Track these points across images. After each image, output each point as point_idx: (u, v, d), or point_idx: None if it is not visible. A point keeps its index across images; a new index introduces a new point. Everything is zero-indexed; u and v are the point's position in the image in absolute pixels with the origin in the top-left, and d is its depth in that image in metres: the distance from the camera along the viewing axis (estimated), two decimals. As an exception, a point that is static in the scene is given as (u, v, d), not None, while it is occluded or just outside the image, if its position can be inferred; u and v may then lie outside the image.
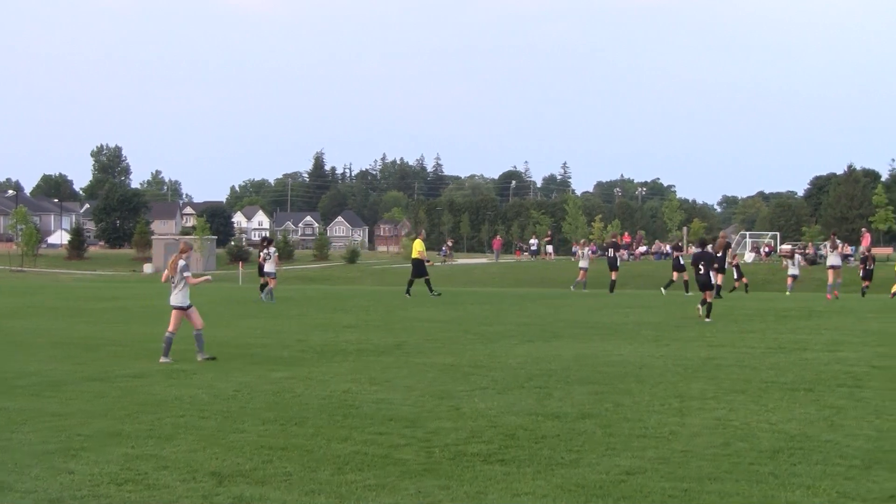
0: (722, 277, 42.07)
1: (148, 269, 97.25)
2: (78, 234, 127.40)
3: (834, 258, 44.22)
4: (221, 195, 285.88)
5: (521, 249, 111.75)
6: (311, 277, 77.90)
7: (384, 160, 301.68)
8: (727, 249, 42.33)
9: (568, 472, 9.61)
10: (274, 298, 38.69)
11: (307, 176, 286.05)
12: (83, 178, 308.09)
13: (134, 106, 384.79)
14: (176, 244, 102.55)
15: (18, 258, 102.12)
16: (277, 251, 43.15)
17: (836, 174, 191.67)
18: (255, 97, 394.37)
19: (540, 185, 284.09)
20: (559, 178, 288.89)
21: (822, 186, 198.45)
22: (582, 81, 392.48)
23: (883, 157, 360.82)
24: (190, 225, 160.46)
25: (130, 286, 60.68)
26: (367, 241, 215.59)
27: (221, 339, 22.64)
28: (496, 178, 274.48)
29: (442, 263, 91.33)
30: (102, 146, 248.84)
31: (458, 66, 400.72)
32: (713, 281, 30.36)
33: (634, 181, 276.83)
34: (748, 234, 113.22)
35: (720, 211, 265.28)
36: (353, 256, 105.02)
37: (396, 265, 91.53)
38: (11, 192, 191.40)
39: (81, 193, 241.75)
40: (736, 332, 24.40)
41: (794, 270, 51.44)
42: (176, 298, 19.61)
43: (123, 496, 8.97)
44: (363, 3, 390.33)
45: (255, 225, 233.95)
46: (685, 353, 19.68)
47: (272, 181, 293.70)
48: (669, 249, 66.32)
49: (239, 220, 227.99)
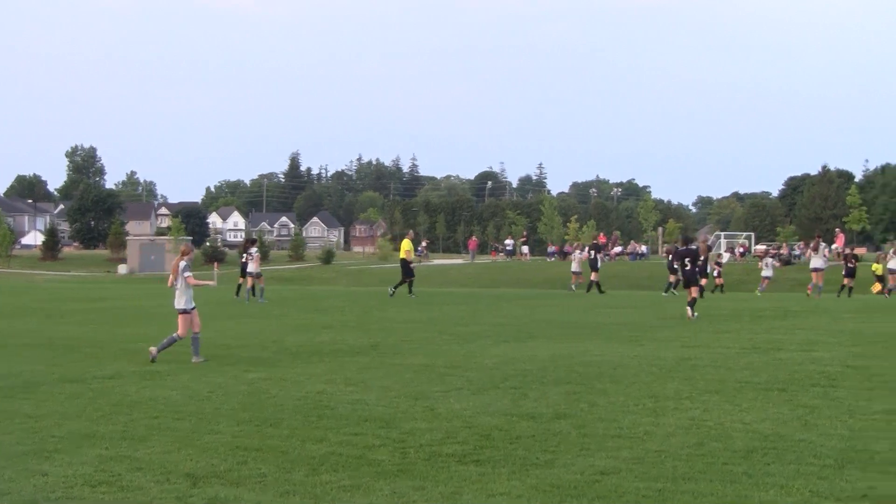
0: (705, 280, 42.30)
1: (122, 269, 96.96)
2: (52, 234, 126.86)
3: (818, 260, 44.38)
4: (197, 196, 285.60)
5: (496, 250, 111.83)
6: (286, 278, 77.75)
7: (360, 161, 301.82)
8: (708, 253, 42.56)
9: (543, 472, 9.62)
10: (264, 298, 38.77)
11: (283, 176, 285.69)
12: (58, 178, 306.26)
13: (109, 106, 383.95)
14: (151, 245, 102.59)
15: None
16: (260, 252, 43.06)
17: (810, 175, 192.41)
18: (230, 98, 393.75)
19: (516, 185, 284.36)
20: (535, 178, 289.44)
21: (796, 187, 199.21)
22: (557, 82, 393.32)
23: (856, 157, 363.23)
24: (165, 226, 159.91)
25: (105, 287, 60.45)
26: (342, 241, 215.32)
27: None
28: (472, 178, 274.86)
29: (418, 264, 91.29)
30: (77, 147, 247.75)
31: (433, 67, 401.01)
32: (698, 278, 30.61)
33: (610, 182, 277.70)
34: (723, 234, 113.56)
35: (695, 211, 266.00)
36: (328, 257, 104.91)
37: (372, 266, 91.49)
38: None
39: (56, 194, 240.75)
40: (711, 332, 24.46)
41: (767, 272, 51.57)
42: (179, 302, 19.46)
43: (97, 497, 8.94)
44: (335, 4, 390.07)
45: (230, 226, 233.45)
46: (660, 353, 19.72)
47: (248, 182, 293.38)
48: (666, 252, 66.33)
49: (214, 220, 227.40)
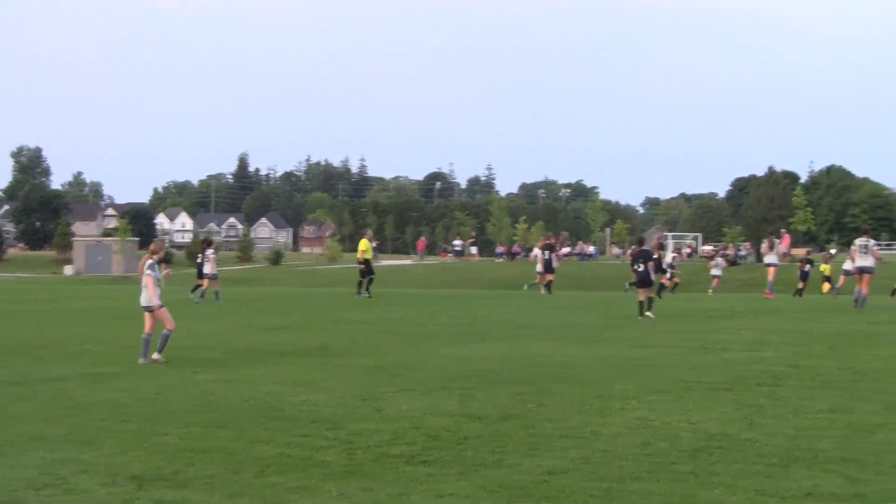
0: (667, 280, 43.03)
1: (69, 271, 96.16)
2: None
3: (772, 257, 45.05)
4: (144, 197, 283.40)
5: (445, 251, 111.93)
6: (234, 279, 77.35)
7: (309, 161, 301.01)
8: (661, 249, 42.90)
9: (490, 472, 9.63)
10: (220, 300, 38.67)
11: (231, 177, 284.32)
12: (2, 179, 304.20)
13: (55, 106, 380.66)
14: (97, 246, 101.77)
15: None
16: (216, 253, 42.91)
17: (756, 176, 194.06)
18: (177, 98, 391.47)
19: (464, 186, 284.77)
20: (484, 179, 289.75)
21: (742, 188, 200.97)
22: (506, 82, 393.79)
23: (802, 159, 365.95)
24: (112, 226, 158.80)
25: (51, 288, 59.91)
26: (291, 242, 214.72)
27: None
28: (421, 179, 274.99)
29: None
30: (22, 147, 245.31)
31: (381, 68, 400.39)
32: (652, 278, 30.92)
33: (558, 183, 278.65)
34: (670, 234, 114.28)
35: (643, 212, 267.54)
36: (277, 258, 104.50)
37: (321, 267, 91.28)
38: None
39: (1, 195, 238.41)
40: (659, 332, 24.60)
41: (716, 271, 52.73)
42: (144, 298, 19.35)
43: (42, 501, 8.86)
44: (276, 4, 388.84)
45: (178, 226, 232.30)
46: (608, 353, 19.80)
47: (195, 182, 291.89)
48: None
49: (162, 221, 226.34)
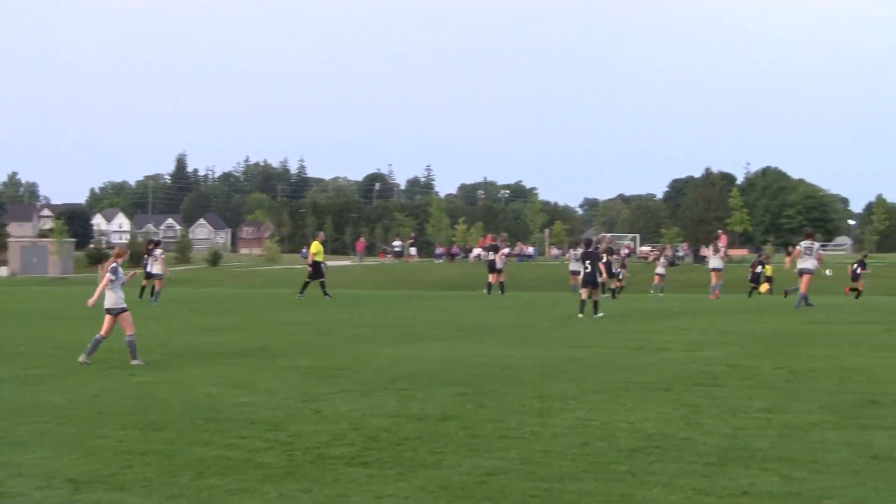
0: (616, 283, 43.53)
1: (3, 272, 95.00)
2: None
3: (716, 261, 45.72)
4: (81, 197, 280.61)
5: (384, 251, 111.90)
6: (172, 280, 76.56)
7: (247, 162, 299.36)
8: (610, 254, 43.28)
9: (430, 473, 9.64)
10: (158, 301, 38.45)
11: (169, 178, 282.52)
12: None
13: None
14: (33, 247, 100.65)
15: None
16: (163, 253, 42.60)
17: (693, 177, 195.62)
18: (115, 97, 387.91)
19: (404, 187, 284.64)
20: (423, 180, 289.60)
21: (680, 189, 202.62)
22: (443, 83, 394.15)
23: (738, 160, 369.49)
24: (48, 227, 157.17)
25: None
26: (229, 243, 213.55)
27: (81, 343, 22.18)
28: (360, 180, 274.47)
29: (306, 266, 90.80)
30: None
31: (319, 68, 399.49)
32: (599, 279, 31.26)
33: (497, 183, 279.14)
34: (608, 235, 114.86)
35: (582, 213, 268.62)
36: (215, 259, 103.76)
37: (260, 268, 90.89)
38: None
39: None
40: (598, 332, 24.73)
41: (660, 270, 53.67)
42: (109, 300, 19.19)
43: (-24, 505, 8.77)
44: (218, 2, 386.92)
45: (115, 227, 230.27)
46: (548, 353, 19.88)
47: (133, 183, 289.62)
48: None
49: (99, 222, 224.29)
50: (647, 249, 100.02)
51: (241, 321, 29.46)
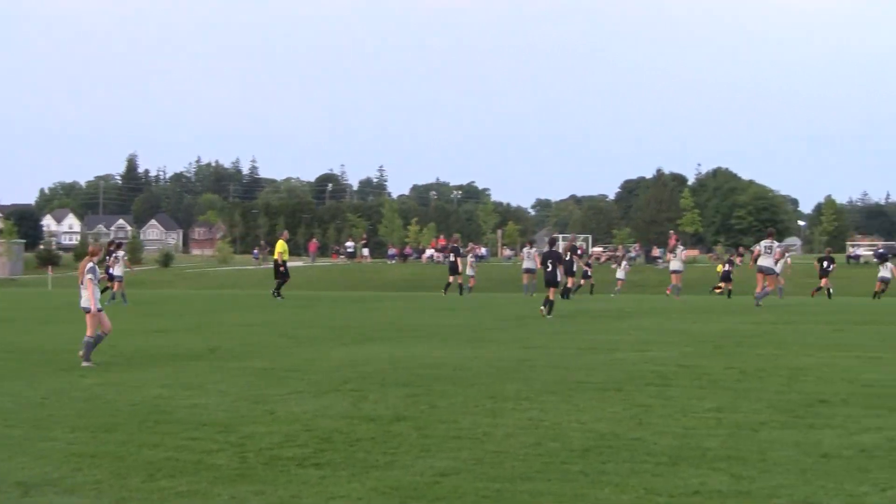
0: (572, 280, 43.79)
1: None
2: None
3: (676, 263, 46.51)
4: (30, 198, 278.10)
5: (337, 252, 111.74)
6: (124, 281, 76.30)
7: (199, 162, 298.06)
8: (573, 253, 43.54)
9: (383, 474, 9.63)
10: (127, 301, 38.38)
11: (120, 178, 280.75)
12: None
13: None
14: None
15: None
16: (126, 254, 42.48)
17: (645, 178, 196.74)
18: (64, 96, 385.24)
19: (356, 188, 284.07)
20: (375, 181, 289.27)
21: (632, 190, 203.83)
22: (396, 84, 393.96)
23: (690, 161, 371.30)
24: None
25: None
26: (181, 244, 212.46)
27: (30, 345, 22.06)
28: (312, 180, 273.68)
29: (257, 266, 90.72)
30: None
31: (270, 67, 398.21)
32: (559, 279, 31.38)
33: (450, 184, 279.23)
34: (561, 236, 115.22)
35: (534, 214, 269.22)
36: (166, 260, 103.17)
37: (212, 269, 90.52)
38: None
39: None
40: (550, 333, 24.79)
41: (620, 274, 54.57)
42: (84, 301, 19.11)
43: (-77, 509, 8.69)
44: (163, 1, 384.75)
45: (65, 228, 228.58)
46: (500, 354, 19.90)
47: (83, 183, 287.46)
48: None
49: (48, 223, 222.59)
50: (598, 250, 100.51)
51: (192, 322, 29.31)
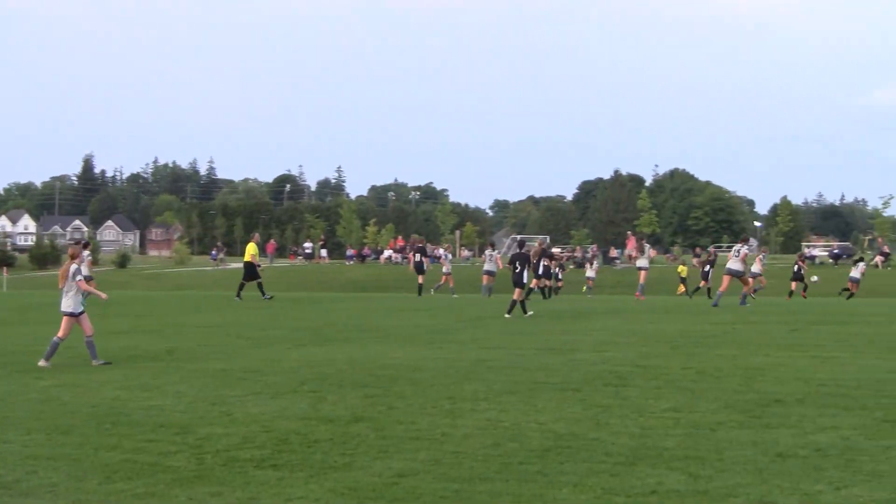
0: (544, 281, 44.23)
1: None
2: None
3: (643, 261, 47.81)
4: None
5: (295, 253, 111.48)
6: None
7: (156, 163, 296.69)
8: (542, 256, 43.75)
9: (341, 475, 9.62)
10: (85, 302, 38.13)
11: (76, 179, 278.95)
12: None
13: None
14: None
15: None
16: (91, 255, 42.21)
17: (603, 179, 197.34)
18: (20, 95, 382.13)
19: (314, 188, 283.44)
20: (333, 181, 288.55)
21: (589, 191, 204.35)
22: (353, 84, 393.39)
23: (647, 162, 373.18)
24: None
25: None
26: (138, 245, 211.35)
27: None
28: (270, 181, 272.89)
29: (215, 268, 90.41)
30: None
31: (228, 68, 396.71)
32: (525, 281, 31.58)
33: (408, 185, 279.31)
34: (519, 237, 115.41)
35: (492, 215, 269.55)
36: (123, 261, 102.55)
37: (169, 270, 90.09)
38: None
39: None
40: (508, 333, 24.81)
41: (591, 273, 55.53)
42: (66, 304, 19.05)
43: None
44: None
45: (20, 229, 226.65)
46: (458, 355, 19.90)
47: (39, 184, 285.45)
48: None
49: (3, 224, 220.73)
50: (557, 251, 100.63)
51: (149, 324, 29.15)
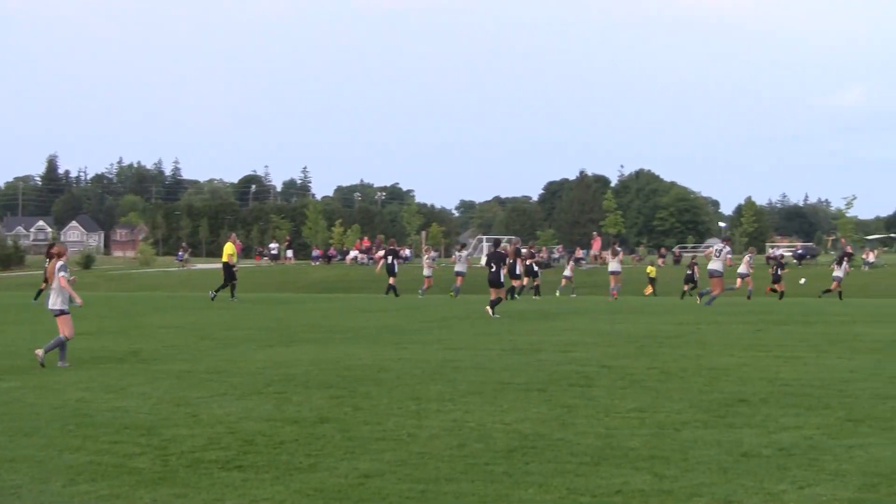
0: (516, 282, 44.59)
1: None
2: None
3: (615, 264, 49.52)
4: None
5: (260, 254, 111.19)
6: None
7: (121, 163, 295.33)
8: (517, 256, 43.95)
9: (306, 476, 9.60)
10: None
11: (40, 179, 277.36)
12: None
13: None
14: None
15: None
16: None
17: (568, 180, 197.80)
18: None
19: (280, 189, 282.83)
20: (299, 182, 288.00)
21: (555, 191, 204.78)
22: (319, 85, 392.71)
23: (612, 163, 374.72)
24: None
25: None
26: (102, 246, 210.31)
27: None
28: (236, 182, 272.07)
29: (180, 268, 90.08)
30: None
31: (195, 67, 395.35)
32: (502, 280, 31.75)
33: (374, 186, 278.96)
34: (485, 238, 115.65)
35: (458, 215, 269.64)
36: (88, 262, 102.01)
37: (134, 270, 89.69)
38: None
39: None
40: (473, 334, 24.84)
41: (568, 272, 56.16)
42: (55, 303, 18.98)
43: None
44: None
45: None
46: (424, 355, 19.89)
47: (2, 184, 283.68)
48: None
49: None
50: (525, 250, 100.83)
51: (114, 325, 29.01)
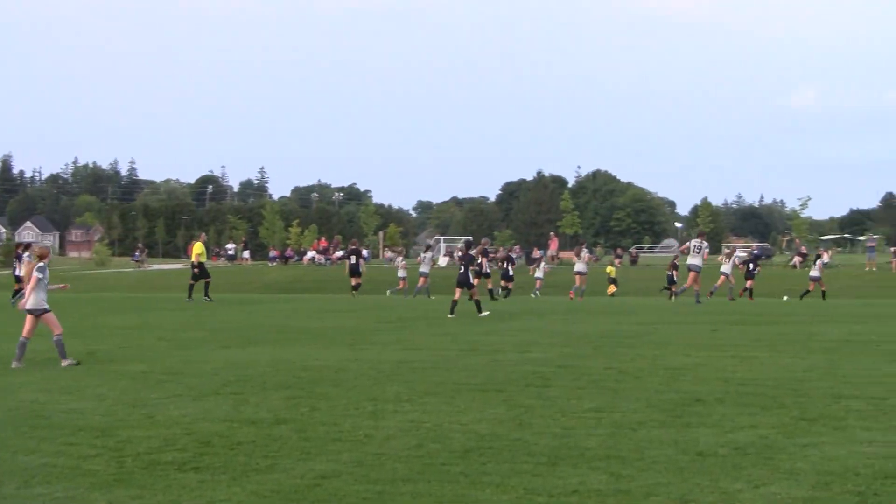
0: (489, 281, 45.08)
1: None
2: None
3: (581, 265, 50.45)
4: None
5: (217, 255, 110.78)
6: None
7: (76, 164, 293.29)
8: (485, 256, 44.10)
9: (263, 477, 9.58)
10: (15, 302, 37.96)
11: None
12: None
13: None
14: None
15: None
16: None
17: (526, 180, 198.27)
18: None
19: (237, 189, 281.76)
20: (256, 182, 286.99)
21: (512, 192, 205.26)
22: (277, 84, 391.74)
23: (569, 163, 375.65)
24: None
25: None
26: (58, 246, 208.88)
27: None
28: (192, 182, 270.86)
29: (137, 269, 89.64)
30: None
31: (149, 67, 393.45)
32: (471, 281, 32.25)
33: (331, 186, 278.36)
34: (442, 238, 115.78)
35: (416, 216, 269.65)
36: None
37: (89, 271, 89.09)
38: None
39: None
40: (430, 334, 24.85)
41: (539, 274, 56.95)
42: (33, 302, 18.83)
43: None
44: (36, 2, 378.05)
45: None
46: (381, 356, 19.89)
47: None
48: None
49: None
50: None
51: (69, 325, 28.71)
